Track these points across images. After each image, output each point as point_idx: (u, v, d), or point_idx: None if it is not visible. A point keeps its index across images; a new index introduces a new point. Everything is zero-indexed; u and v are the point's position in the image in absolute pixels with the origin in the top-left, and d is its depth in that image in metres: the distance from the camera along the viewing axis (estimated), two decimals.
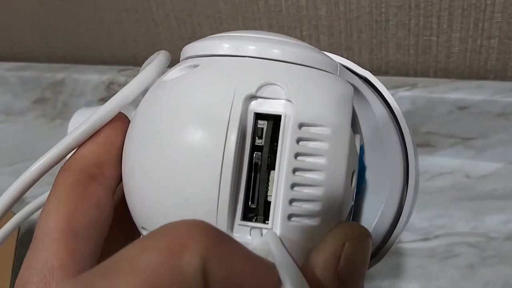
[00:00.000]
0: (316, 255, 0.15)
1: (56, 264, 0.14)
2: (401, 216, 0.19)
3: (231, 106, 0.15)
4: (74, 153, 0.18)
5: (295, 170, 0.15)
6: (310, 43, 0.64)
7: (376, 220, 0.19)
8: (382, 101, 0.20)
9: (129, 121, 0.18)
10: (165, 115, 0.17)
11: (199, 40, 0.18)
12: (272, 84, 0.16)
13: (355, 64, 0.20)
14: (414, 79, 0.55)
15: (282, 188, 0.15)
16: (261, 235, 0.15)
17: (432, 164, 0.54)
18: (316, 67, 0.17)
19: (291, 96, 0.16)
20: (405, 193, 0.20)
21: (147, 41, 0.70)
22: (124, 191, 0.18)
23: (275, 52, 0.17)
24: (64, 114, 0.77)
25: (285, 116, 0.15)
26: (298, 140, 0.15)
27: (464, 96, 0.50)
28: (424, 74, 0.56)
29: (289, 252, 0.14)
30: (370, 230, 0.18)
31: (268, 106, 0.16)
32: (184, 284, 0.11)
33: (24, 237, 0.51)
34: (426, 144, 0.54)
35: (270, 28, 0.60)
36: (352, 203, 0.17)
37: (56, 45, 0.78)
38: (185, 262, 0.11)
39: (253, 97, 0.16)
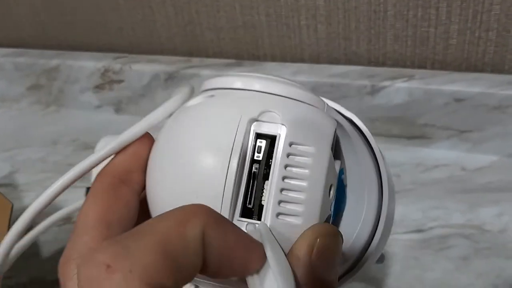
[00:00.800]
0: (295, 246, 0.19)
1: (92, 245, 0.18)
2: (373, 240, 0.23)
3: (238, 127, 0.20)
4: (109, 162, 0.22)
5: (284, 178, 0.19)
6: (307, 33, 0.63)
7: (354, 235, 0.23)
8: (363, 138, 0.24)
9: (153, 139, 0.23)
10: (183, 133, 0.21)
11: (216, 77, 0.23)
12: (270, 111, 0.20)
13: (342, 107, 0.25)
14: (411, 71, 0.55)
15: (273, 191, 0.19)
16: (255, 229, 0.19)
17: (428, 156, 0.54)
18: (306, 102, 0.21)
19: (284, 121, 0.20)
20: (379, 214, 0.23)
21: (144, 28, 0.69)
22: (147, 195, 0.22)
23: (275, 89, 0.21)
24: (59, 101, 0.76)
25: (279, 136, 0.20)
26: (288, 155, 0.19)
27: (461, 89, 0.50)
28: (422, 65, 0.56)
29: (275, 238, 0.19)
30: (350, 242, 0.22)
31: (266, 128, 0.20)
32: (187, 247, 0.15)
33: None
34: (422, 136, 0.54)
35: (268, 16, 0.60)
36: (330, 212, 0.21)
37: (52, 31, 0.78)
38: (189, 230, 0.15)
39: (255, 120, 0.20)
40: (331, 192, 0.20)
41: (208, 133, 0.20)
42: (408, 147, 0.56)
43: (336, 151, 0.23)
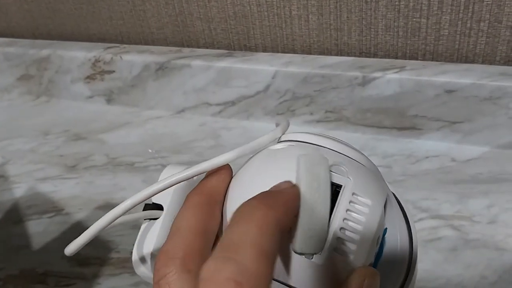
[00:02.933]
0: (348, 281, 0.22)
1: (187, 249, 0.22)
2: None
3: None
4: (203, 182, 0.26)
5: (344, 219, 0.23)
6: (299, 23, 0.63)
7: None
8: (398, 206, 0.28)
9: (231, 169, 0.27)
10: (261, 170, 0.25)
11: (300, 132, 0.27)
12: (339, 165, 0.24)
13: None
14: (402, 62, 0.54)
15: (334, 228, 0.23)
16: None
17: (418, 147, 0.54)
18: (367, 167, 0.26)
19: (350, 175, 0.24)
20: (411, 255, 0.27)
21: (134, 18, 0.69)
22: (225, 213, 0.25)
23: (345, 150, 0.26)
24: (49, 91, 0.76)
25: (345, 186, 0.24)
26: (350, 202, 0.23)
27: (452, 80, 0.50)
28: (413, 56, 0.55)
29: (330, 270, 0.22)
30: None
31: (336, 178, 0.24)
32: (276, 242, 0.19)
33: None
34: (412, 127, 0.54)
35: (259, 6, 0.59)
36: (372, 260, 0.24)
37: (41, 21, 0.77)
38: (271, 230, 0.19)
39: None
40: (378, 241, 0.23)
41: (289, 174, 0.24)
42: (399, 138, 0.56)
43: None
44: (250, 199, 0.21)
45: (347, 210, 0.23)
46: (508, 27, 0.50)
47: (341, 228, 0.23)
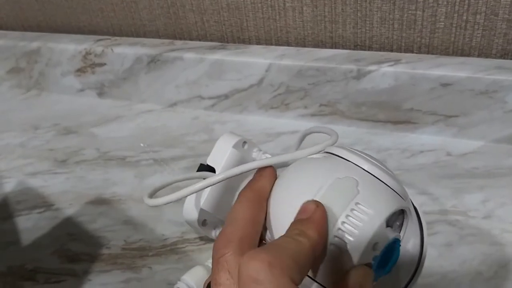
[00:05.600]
0: (345, 278, 0.26)
1: (242, 235, 0.27)
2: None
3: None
4: (254, 181, 0.31)
5: (343, 222, 0.27)
6: (293, 15, 0.62)
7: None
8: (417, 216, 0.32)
9: (275, 171, 0.32)
10: (298, 175, 0.30)
11: (336, 146, 0.32)
12: (353, 178, 0.28)
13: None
14: (398, 55, 0.54)
15: (333, 229, 0.27)
16: None
17: (413, 141, 0.54)
18: (385, 182, 0.29)
19: (360, 187, 0.28)
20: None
21: (125, 10, 0.68)
22: (268, 208, 0.31)
23: (368, 165, 0.29)
24: (40, 85, 0.75)
25: (353, 197, 0.28)
26: (352, 210, 0.27)
27: (448, 73, 0.50)
28: (408, 49, 0.55)
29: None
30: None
31: None
32: (306, 255, 0.25)
33: None
34: (408, 121, 0.54)
35: None
36: (371, 261, 0.27)
37: (31, 13, 0.76)
38: (304, 244, 0.25)
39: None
40: (376, 247, 0.27)
41: (320, 182, 0.29)
42: (394, 133, 0.55)
43: (399, 225, 0.31)
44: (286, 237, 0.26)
45: (347, 215, 0.27)
46: (505, 20, 0.49)
47: (339, 229, 0.27)
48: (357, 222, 0.27)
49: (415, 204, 0.32)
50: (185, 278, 0.39)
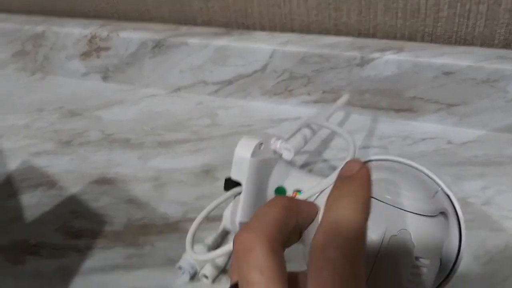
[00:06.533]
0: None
1: (270, 233, 0.25)
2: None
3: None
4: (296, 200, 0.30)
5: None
6: (297, 2, 0.62)
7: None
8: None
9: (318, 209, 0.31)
10: None
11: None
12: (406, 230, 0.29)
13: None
14: (401, 43, 0.54)
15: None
16: None
17: (415, 129, 0.54)
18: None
19: (415, 240, 0.29)
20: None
21: None
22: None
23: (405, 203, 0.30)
24: (44, 68, 0.75)
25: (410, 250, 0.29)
26: (414, 267, 0.29)
27: (450, 62, 0.50)
28: (412, 38, 0.55)
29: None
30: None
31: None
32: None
33: None
34: (410, 109, 0.54)
35: None
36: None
37: None
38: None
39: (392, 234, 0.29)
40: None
41: None
42: (396, 120, 0.55)
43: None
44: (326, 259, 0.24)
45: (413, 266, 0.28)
46: (507, 10, 0.50)
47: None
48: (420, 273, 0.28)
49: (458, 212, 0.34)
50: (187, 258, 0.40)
